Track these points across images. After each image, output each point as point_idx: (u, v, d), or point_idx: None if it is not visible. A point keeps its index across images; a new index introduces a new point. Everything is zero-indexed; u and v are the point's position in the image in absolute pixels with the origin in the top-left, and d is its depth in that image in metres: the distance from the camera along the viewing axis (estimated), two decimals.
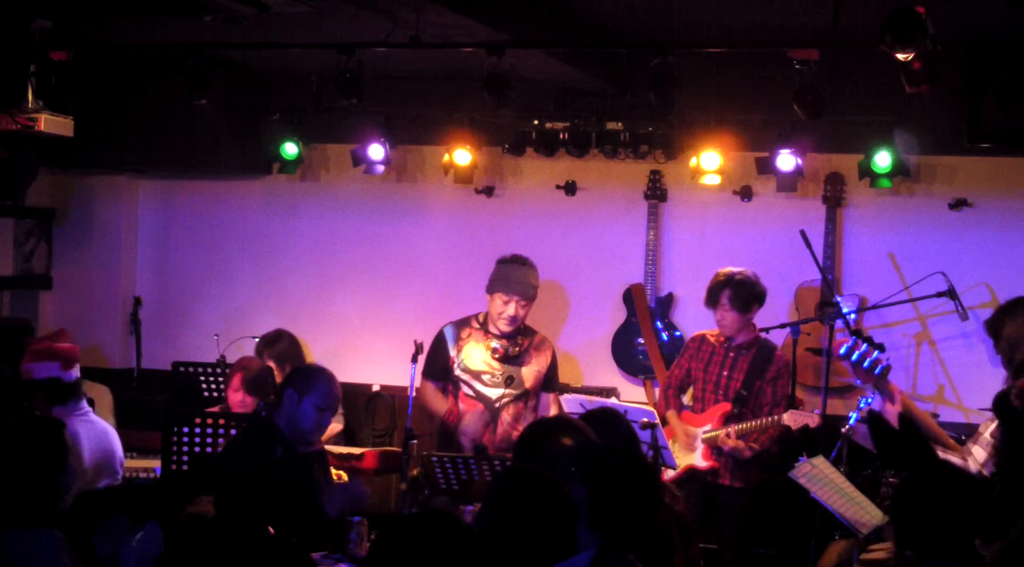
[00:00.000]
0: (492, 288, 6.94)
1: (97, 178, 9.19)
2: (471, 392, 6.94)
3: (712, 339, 7.04)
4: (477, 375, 6.94)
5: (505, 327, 6.91)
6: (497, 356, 6.92)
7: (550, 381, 7.07)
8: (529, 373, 6.97)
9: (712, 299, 6.91)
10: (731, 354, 6.95)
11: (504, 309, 6.88)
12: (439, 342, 7.03)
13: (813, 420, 6.66)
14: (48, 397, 5.92)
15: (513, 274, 6.94)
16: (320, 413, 5.37)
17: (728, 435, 6.73)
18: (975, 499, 3.92)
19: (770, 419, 6.74)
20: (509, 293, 6.88)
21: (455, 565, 3.04)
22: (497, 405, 6.94)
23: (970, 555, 3.87)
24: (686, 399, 7.21)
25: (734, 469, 6.87)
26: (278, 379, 7.21)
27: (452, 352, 6.98)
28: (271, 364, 7.59)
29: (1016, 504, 4.36)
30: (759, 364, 6.89)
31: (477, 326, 7.02)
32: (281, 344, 8.08)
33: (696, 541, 4.92)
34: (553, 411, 6.94)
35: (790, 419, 6.68)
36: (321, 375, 5.49)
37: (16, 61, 7.02)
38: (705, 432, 6.88)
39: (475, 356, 6.95)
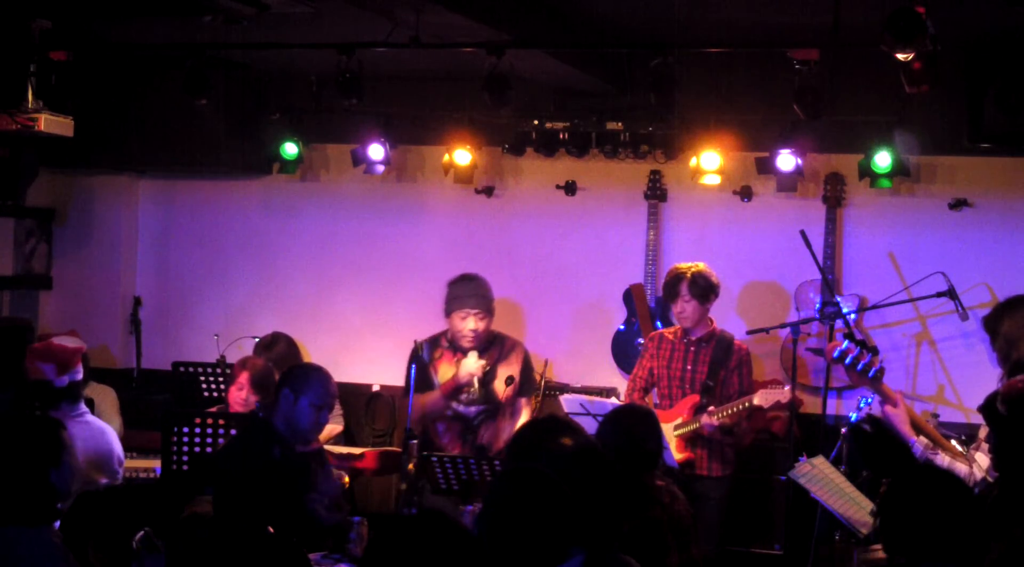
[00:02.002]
0: (448, 309, 6.93)
1: (97, 178, 9.19)
2: (449, 412, 6.91)
3: (670, 336, 7.08)
4: (452, 394, 6.90)
5: (468, 344, 6.87)
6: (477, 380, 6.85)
7: (522, 386, 6.98)
8: (501, 386, 6.89)
9: (671, 292, 6.98)
10: (691, 348, 6.99)
11: (462, 325, 6.84)
12: (419, 358, 6.93)
13: (784, 395, 6.68)
14: (40, 399, 5.91)
15: (464, 290, 6.93)
16: (317, 411, 5.37)
17: (711, 415, 6.74)
18: (961, 501, 3.90)
19: (743, 404, 6.75)
20: (464, 308, 6.86)
21: (451, 566, 3.03)
22: (475, 422, 6.94)
23: (966, 558, 3.86)
24: (652, 398, 7.22)
25: (710, 459, 6.90)
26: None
27: (428, 366, 6.94)
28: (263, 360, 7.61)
29: (1014, 507, 4.36)
30: (720, 355, 6.94)
31: (447, 345, 6.98)
32: (279, 347, 8.07)
33: (695, 542, 4.91)
34: (524, 416, 6.91)
35: (761, 398, 6.70)
36: (316, 373, 5.50)
37: (16, 61, 7.03)
38: (676, 425, 6.89)
39: (447, 375, 6.90)
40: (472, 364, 6.79)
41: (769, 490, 7.49)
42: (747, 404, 6.75)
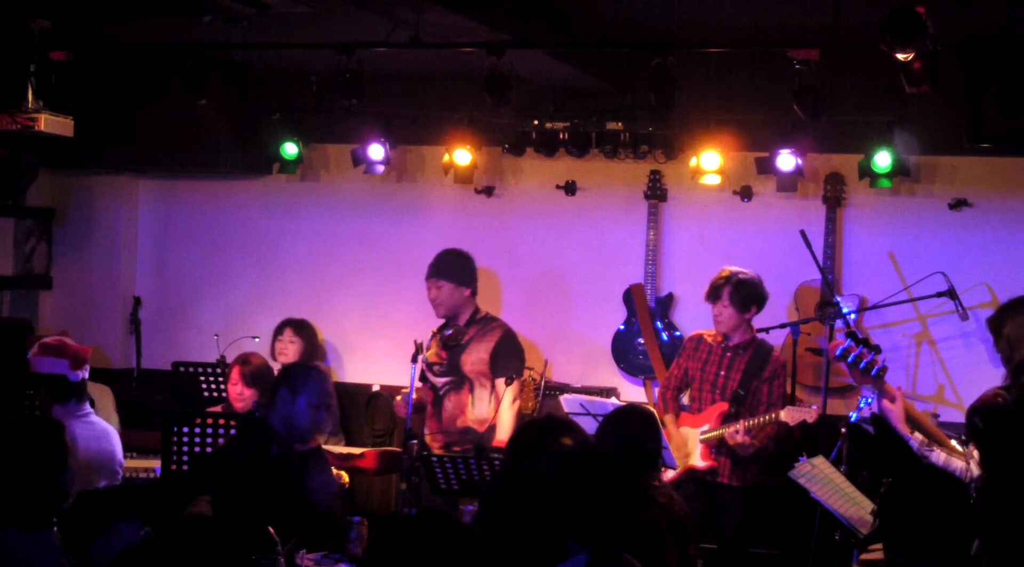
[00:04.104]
0: None
1: (97, 178, 9.19)
2: (427, 383, 7.27)
3: (709, 339, 7.06)
4: (430, 366, 7.25)
5: (438, 313, 7.25)
6: (440, 345, 7.21)
7: (495, 365, 7.12)
8: (467, 359, 7.14)
9: (714, 294, 6.98)
10: (728, 354, 6.97)
11: (428, 296, 7.23)
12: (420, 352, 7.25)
13: (811, 415, 6.67)
14: (51, 393, 5.95)
15: (435, 259, 7.29)
16: (315, 411, 5.38)
17: (737, 431, 6.74)
18: (960, 502, 3.92)
19: (768, 417, 6.76)
20: (428, 278, 7.24)
21: (453, 565, 3.03)
22: (441, 393, 7.20)
23: (961, 558, 3.87)
24: (684, 399, 7.22)
25: (732, 468, 6.89)
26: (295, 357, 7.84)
27: (424, 351, 7.23)
28: (297, 340, 8.02)
29: (1001, 513, 4.38)
30: (756, 364, 6.92)
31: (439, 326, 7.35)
32: (308, 331, 8.28)
33: (693, 542, 4.92)
34: (509, 397, 6.99)
35: (787, 416, 6.69)
36: (313, 373, 5.52)
37: (16, 61, 7.03)
38: (703, 432, 6.89)
39: (431, 351, 7.26)
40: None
41: (769, 490, 7.47)
42: (773, 417, 6.75)
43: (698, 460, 6.88)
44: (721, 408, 6.89)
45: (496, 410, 7.04)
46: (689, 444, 6.94)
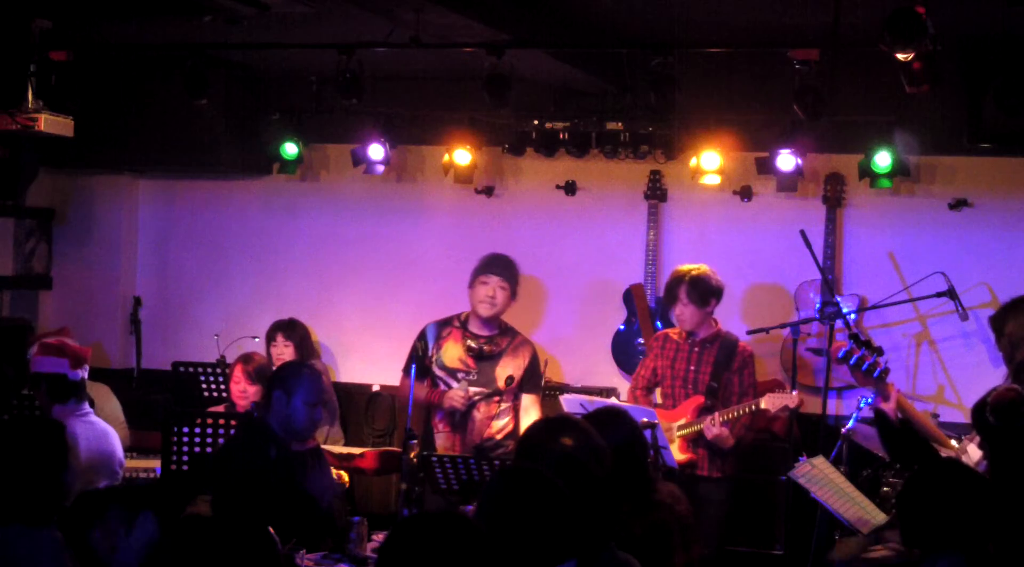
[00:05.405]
0: (473, 276, 7.09)
1: (97, 178, 9.19)
2: (443, 387, 7.04)
3: (675, 336, 7.08)
4: (452, 373, 7.03)
5: (485, 311, 7.00)
6: (472, 353, 7.01)
7: (527, 383, 7.06)
8: (502, 373, 7.00)
9: (670, 295, 7.01)
10: (696, 349, 6.99)
11: (483, 291, 7.00)
12: (420, 340, 7.16)
13: (792, 400, 6.66)
14: (51, 392, 5.97)
15: (494, 260, 7.13)
16: (311, 409, 5.39)
17: (713, 422, 6.73)
18: (980, 495, 3.92)
19: (747, 407, 6.75)
20: (488, 274, 7.02)
21: (466, 566, 3.01)
22: (467, 403, 7.01)
23: (977, 551, 3.87)
24: (656, 397, 7.22)
25: (710, 459, 6.89)
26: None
27: (431, 350, 7.09)
28: (290, 343, 7.90)
29: (1008, 510, 4.38)
30: (724, 356, 6.94)
31: (457, 325, 7.12)
32: (300, 329, 8.18)
33: (698, 542, 4.92)
34: (533, 414, 6.96)
35: (768, 403, 6.68)
36: (306, 371, 5.55)
37: (16, 61, 7.03)
38: (680, 426, 6.89)
39: (451, 354, 7.04)
40: (458, 395, 6.88)
41: (770, 490, 7.48)
42: (753, 407, 6.74)
43: (676, 453, 6.87)
44: (697, 401, 6.90)
45: (514, 422, 7.02)
46: (667, 438, 6.92)
